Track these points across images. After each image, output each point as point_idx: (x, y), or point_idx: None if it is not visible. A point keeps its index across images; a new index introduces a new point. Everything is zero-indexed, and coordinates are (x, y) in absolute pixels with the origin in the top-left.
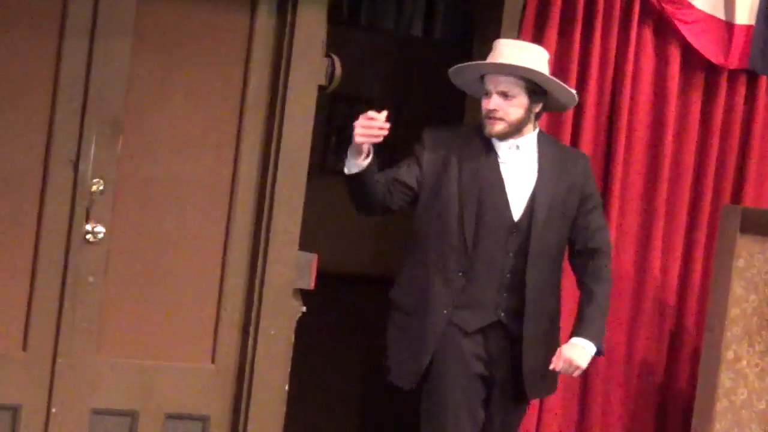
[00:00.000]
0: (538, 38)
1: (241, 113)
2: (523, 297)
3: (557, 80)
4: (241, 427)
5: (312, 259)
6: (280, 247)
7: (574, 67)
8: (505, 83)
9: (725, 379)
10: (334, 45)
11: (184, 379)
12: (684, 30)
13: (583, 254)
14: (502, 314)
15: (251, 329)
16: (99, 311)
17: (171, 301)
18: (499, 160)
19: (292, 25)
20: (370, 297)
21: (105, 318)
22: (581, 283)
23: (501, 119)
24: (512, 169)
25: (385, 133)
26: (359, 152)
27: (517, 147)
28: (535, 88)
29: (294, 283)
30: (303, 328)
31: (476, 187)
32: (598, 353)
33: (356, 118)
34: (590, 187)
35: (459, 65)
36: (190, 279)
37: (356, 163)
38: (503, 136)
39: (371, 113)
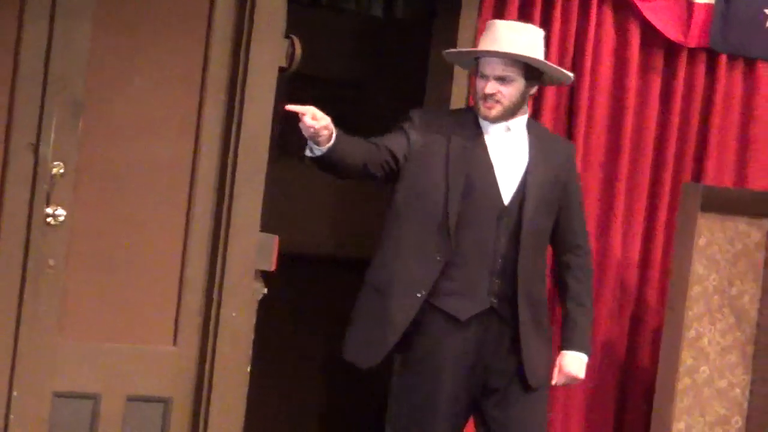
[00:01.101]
0: (498, 17)
1: (202, 95)
2: (514, 283)
3: (556, 66)
4: (203, 409)
5: (273, 241)
6: (241, 228)
7: None
8: (503, 68)
9: (687, 358)
10: (294, 26)
11: (146, 361)
12: (644, 8)
13: (565, 250)
14: (495, 301)
15: (213, 311)
16: (60, 294)
17: (133, 284)
18: (488, 143)
19: (252, 6)
20: (331, 278)
21: (66, 301)
22: (563, 281)
23: (498, 102)
24: (502, 152)
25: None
26: (319, 142)
27: (508, 129)
28: (531, 71)
29: (255, 264)
30: (265, 309)
31: (464, 169)
32: (588, 356)
33: (317, 98)
34: (574, 180)
35: (455, 50)
36: (151, 261)
37: (319, 148)
38: (497, 120)
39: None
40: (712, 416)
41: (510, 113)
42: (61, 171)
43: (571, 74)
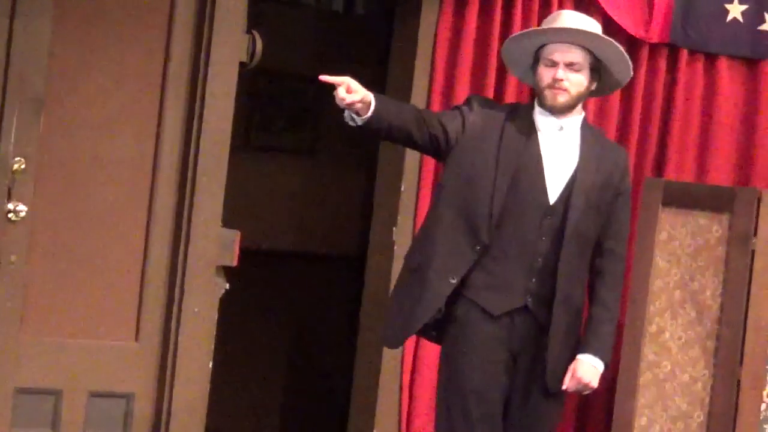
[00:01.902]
0: (458, 14)
1: (163, 91)
2: (553, 284)
3: (627, 59)
4: (165, 405)
5: (235, 236)
6: (203, 224)
7: (494, 44)
8: (574, 54)
9: (648, 353)
10: (255, 21)
11: (108, 357)
12: (605, 4)
13: (601, 255)
14: (530, 299)
15: (175, 307)
16: (22, 290)
17: (94, 280)
18: (541, 140)
19: (213, 1)
20: (294, 273)
21: (28, 297)
22: (593, 286)
23: (566, 90)
24: (553, 150)
25: (357, 98)
26: (357, 111)
27: (561, 128)
28: (595, 64)
29: (217, 260)
30: (227, 304)
31: (514, 162)
32: (606, 367)
33: (279, 93)
34: (625, 186)
35: (530, 30)
36: (113, 257)
37: (359, 117)
38: (563, 109)
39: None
40: (674, 411)
41: (573, 104)
42: (22, 167)
43: (630, 73)
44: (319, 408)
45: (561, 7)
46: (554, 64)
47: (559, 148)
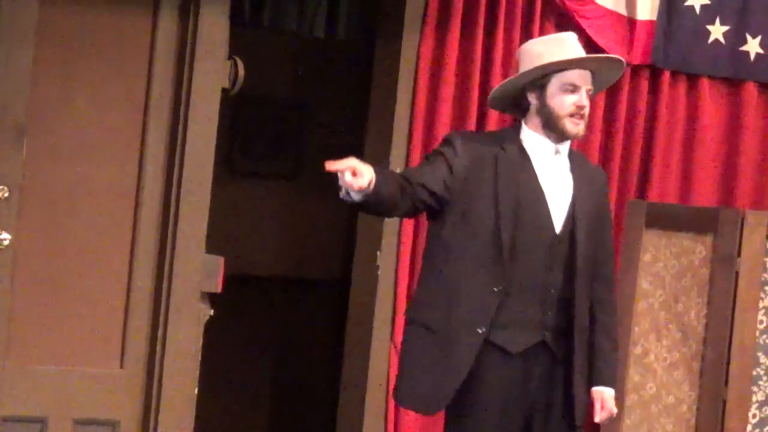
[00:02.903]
0: (440, 37)
1: (145, 117)
2: (566, 315)
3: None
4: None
5: (219, 262)
6: (186, 250)
7: (477, 65)
8: (588, 79)
9: (634, 374)
10: (237, 47)
11: (93, 384)
12: (586, 26)
13: (598, 281)
14: (546, 334)
15: (159, 333)
16: (6, 318)
17: (79, 307)
18: (536, 167)
19: (195, 28)
20: (278, 299)
21: (12, 324)
22: (593, 313)
23: (583, 117)
24: (550, 177)
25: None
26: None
27: (557, 152)
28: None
29: (201, 286)
30: (211, 331)
31: (514, 195)
32: None
33: (261, 119)
34: (608, 208)
35: (562, 59)
36: (97, 284)
37: (359, 194)
38: (577, 137)
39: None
40: None
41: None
42: (5, 195)
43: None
44: None
45: (543, 30)
46: (576, 89)
47: (555, 173)
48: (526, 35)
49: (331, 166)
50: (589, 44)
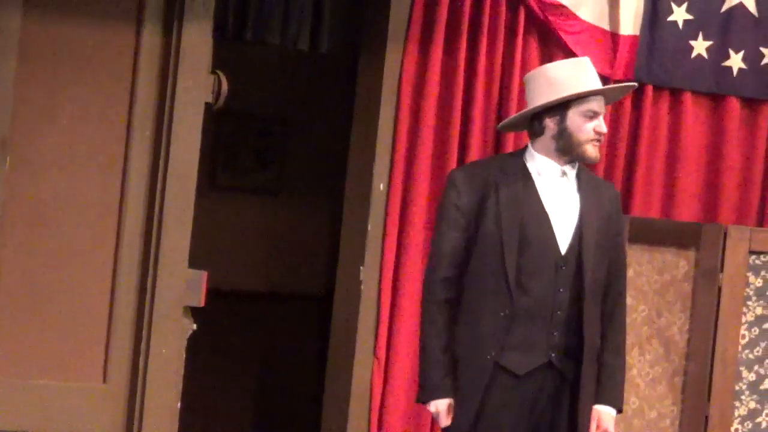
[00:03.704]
0: (423, 50)
1: (129, 131)
2: (574, 336)
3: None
4: None
5: (202, 276)
6: (169, 264)
7: (460, 80)
8: (604, 104)
9: None
10: (220, 61)
11: (75, 398)
12: (569, 41)
13: (609, 298)
14: (554, 355)
15: (142, 347)
16: None
17: (61, 321)
18: (540, 189)
19: (178, 42)
20: (261, 313)
21: None
22: (602, 330)
23: (600, 142)
24: (555, 198)
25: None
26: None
27: (564, 173)
28: None
29: (184, 300)
30: (194, 345)
31: (517, 219)
32: (619, 412)
33: (244, 133)
34: (621, 224)
35: (608, 86)
36: (80, 298)
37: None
38: (593, 163)
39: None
40: None
41: None
42: None
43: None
44: None
45: (526, 44)
46: (596, 116)
47: (560, 194)
48: (510, 50)
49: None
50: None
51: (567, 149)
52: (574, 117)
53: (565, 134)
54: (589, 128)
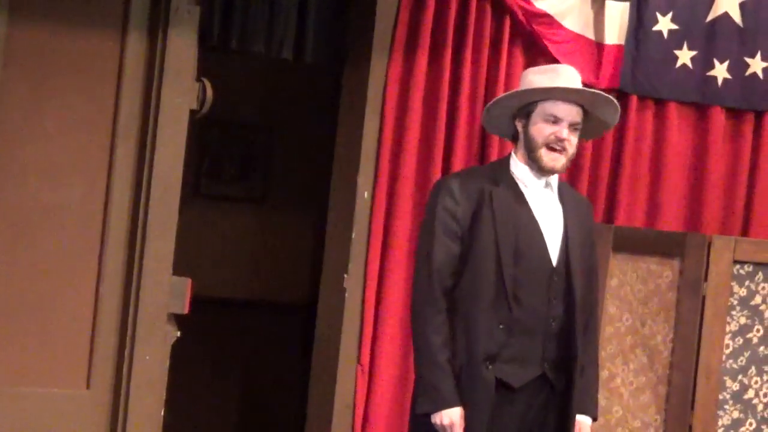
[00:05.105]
0: (408, 60)
1: (113, 139)
2: (564, 347)
3: (618, 109)
4: None
5: (186, 284)
6: (154, 271)
7: (445, 89)
8: (577, 114)
9: (600, 398)
10: (205, 69)
11: (59, 405)
12: (554, 50)
13: (586, 309)
14: (546, 366)
15: (126, 354)
16: None
17: (45, 327)
18: (530, 201)
19: (163, 50)
20: (244, 321)
21: None
22: None
23: (565, 152)
24: (542, 208)
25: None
26: None
27: (547, 184)
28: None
29: (168, 307)
30: (178, 352)
31: (512, 231)
32: (594, 420)
33: (229, 141)
34: (593, 237)
35: (564, 86)
36: (64, 305)
37: None
38: (557, 172)
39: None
40: None
41: (567, 167)
42: None
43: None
44: None
45: (511, 54)
46: (557, 121)
47: (546, 205)
48: (495, 60)
49: None
50: None
51: (529, 155)
52: (536, 119)
53: (527, 137)
54: (546, 131)
